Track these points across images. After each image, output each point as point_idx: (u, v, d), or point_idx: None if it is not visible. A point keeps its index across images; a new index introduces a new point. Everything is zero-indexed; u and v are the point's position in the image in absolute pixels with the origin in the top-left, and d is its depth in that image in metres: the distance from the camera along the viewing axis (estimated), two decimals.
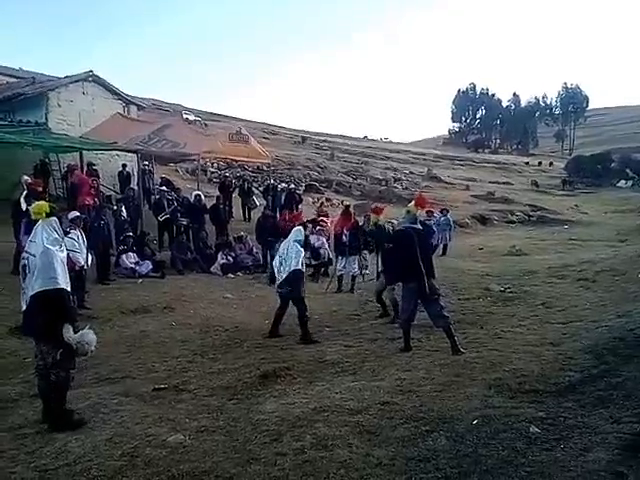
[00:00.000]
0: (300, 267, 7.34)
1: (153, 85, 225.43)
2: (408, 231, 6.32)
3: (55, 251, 4.35)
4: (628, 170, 46.17)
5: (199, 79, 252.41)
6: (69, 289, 4.51)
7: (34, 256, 4.34)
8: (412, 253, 6.07)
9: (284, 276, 7.37)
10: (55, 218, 4.56)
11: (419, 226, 6.45)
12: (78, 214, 8.82)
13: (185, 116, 35.88)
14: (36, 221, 4.56)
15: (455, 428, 3.94)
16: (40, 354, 4.42)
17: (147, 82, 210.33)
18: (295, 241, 7.53)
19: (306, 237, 8.19)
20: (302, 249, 7.55)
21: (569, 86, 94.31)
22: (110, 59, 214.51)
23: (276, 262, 7.68)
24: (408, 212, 6.51)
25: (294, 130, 58.97)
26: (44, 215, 4.47)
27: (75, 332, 4.42)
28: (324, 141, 49.83)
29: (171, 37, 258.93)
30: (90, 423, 4.49)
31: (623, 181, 44.86)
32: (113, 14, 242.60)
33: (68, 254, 5.07)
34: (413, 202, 6.63)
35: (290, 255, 7.37)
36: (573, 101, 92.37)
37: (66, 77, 18.56)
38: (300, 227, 7.96)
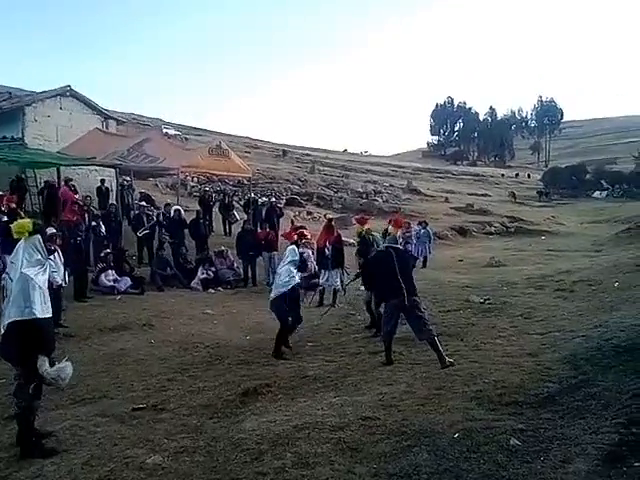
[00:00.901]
0: (284, 289, 7.37)
1: (134, 99, 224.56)
2: (388, 250, 6.58)
3: (32, 276, 4.18)
4: (603, 181, 47.29)
5: (180, 93, 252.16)
6: (50, 314, 4.35)
7: (12, 280, 4.20)
8: (391, 270, 6.27)
9: (272, 297, 7.51)
10: (39, 236, 4.36)
11: (398, 245, 6.82)
12: (54, 231, 8.64)
13: (165, 130, 35.89)
14: (16, 239, 4.36)
15: (436, 442, 3.94)
16: (16, 377, 4.31)
17: (128, 96, 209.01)
18: (290, 262, 7.55)
19: (301, 254, 8.15)
20: (294, 270, 7.55)
21: (544, 99, 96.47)
22: (91, 73, 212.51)
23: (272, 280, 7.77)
24: (388, 234, 6.94)
25: (276, 144, 59.14)
26: (27, 234, 4.28)
27: (52, 364, 4.28)
28: (305, 155, 50.03)
29: (153, 50, 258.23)
30: (66, 445, 4.39)
31: (598, 192, 45.93)
32: (94, 27, 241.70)
33: None
34: (390, 224, 7.12)
35: (282, 276, 7.45)
36: (548, 114, 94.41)
37: (43, 92, 18.36)
38: (293, 246, 7.87)
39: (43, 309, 4.24)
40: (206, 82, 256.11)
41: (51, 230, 8.51)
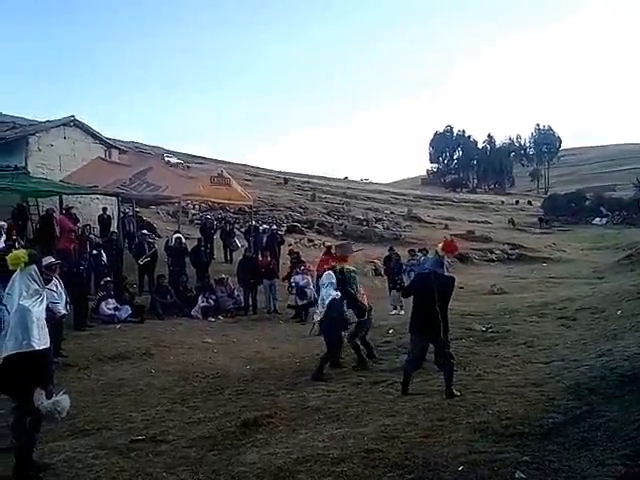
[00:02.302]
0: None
1: (136, 128, 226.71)
2: (428, 275, 6.03)
3: (30, 308, 4.18)
4: (602, 208, 47.49)
5: (183, 121, 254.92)
6: (47, 345, 4.33)
7: (8, 312, 4.19)
8: (429, 301, 5.80)
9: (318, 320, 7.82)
10: (34, 266, 4.37)
11: (444, 271, 6.04)
12: (53, 260, 8.64)
13: (167, 159, 36.16)
14: (12, 270, 4.36)
15: (441, 475, 3.88)
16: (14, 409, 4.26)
17: (130, 125, 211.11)
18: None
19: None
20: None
21: (541, 127, 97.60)
22: (94, 102, 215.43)
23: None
24: (436, 252, 6.20)
25: (276, 172, 59.67)
26: (22, 265, 4.28)
27: (50, 396, 4.23)
28: (306, 182, 50.34)
29: (155, 79, 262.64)
30: (64, 479, 4.32)
31: (598, 219, 46.07)
32: (96, 56, 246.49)
33: (48, 304, 4.90)
34: (441, 245, 6.15)
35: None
36: (546, 141, 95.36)
37: (47, 122, 18.62)
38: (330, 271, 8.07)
39: (41, 340, 4.23)
40: (208, 110, 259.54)
41: (50, 259, 8.53)
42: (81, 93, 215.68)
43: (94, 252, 12.64)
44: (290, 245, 16.72)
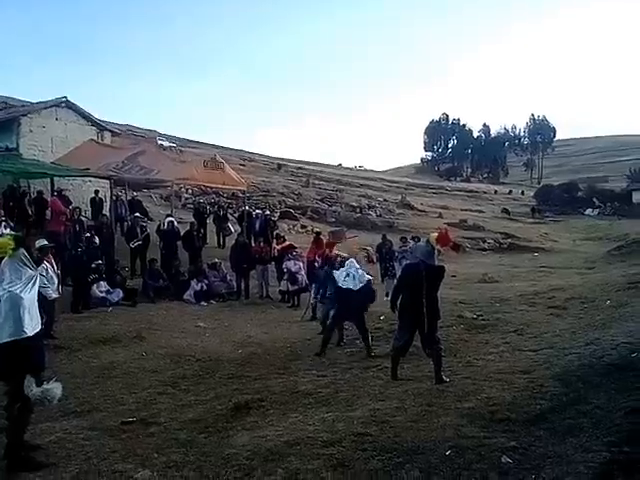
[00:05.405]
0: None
1: (130, 111, 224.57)
2: (418, 266, 5.99)
3: (21, 294, 4.13)
4: (595, 199, 47.77)
5: (176, 104, 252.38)
6: (38, 329, 4.31)
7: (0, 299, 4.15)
8: (418, 293, 5.81)
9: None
10: (23, 250, 4.29)
11: (434, 262, 5.99)
12: (46, 242, 8.55)
13: (160, 142, 35.91)
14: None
15: (428, 459, 3.93)
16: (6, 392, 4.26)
17: (123, 107, 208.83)
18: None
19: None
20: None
21: (536, 117, 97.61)
22: (87, 83, 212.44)
23: None
24: (427, 241, 6.08)
25: (270, 157, 59.42)
26: (10, 251, 4.22)
27: (41, 383, 4.23)
28: (300, 168, 50.21)
29: (149, 61, 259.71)
30: (55, 459, 4.33)
31: (590, 209, 46.37)
32: (88, 37, 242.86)
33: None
34: (435, 235, 6.07)
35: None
36: (540, 132, 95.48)
37: (39, 102, 18.43)
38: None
39: (33, 326, 4.21)
40: (202, 95, 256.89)
41: (42, 242, 8.42)
42: (75, 75, 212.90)
43: (87, 235, 12.56)
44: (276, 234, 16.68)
